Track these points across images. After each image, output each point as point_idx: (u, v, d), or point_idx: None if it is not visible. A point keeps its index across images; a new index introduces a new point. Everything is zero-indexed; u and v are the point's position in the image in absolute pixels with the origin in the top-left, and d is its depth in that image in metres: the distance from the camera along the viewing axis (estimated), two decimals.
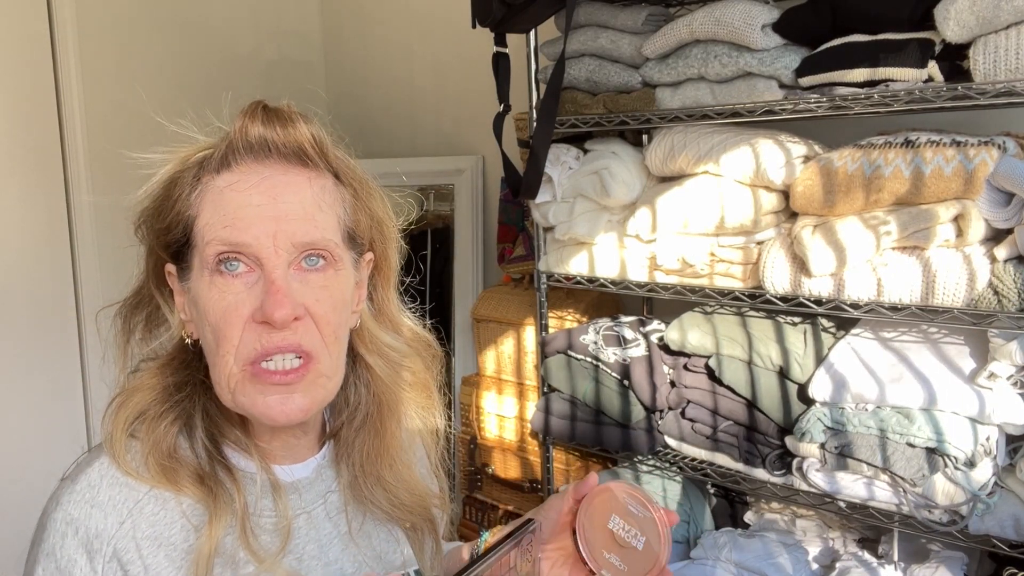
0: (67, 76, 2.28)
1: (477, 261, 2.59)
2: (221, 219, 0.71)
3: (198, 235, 0.73)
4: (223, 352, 0.72)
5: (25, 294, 2.23)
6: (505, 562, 0.75)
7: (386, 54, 2.85)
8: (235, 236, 0.71)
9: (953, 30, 1.30)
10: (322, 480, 0.84)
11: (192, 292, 0.74)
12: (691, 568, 1.65)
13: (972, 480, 1.35)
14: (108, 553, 0.70)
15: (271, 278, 0.71)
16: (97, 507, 0.71)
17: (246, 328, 0.71)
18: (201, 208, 0.73)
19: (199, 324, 0.75)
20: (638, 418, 1.75)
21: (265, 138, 0.73)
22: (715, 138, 1.60)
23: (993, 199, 1.32)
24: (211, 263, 0.72)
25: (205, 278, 0.72)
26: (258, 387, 0.72)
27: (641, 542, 0.81)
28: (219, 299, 0.71)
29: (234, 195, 0.72)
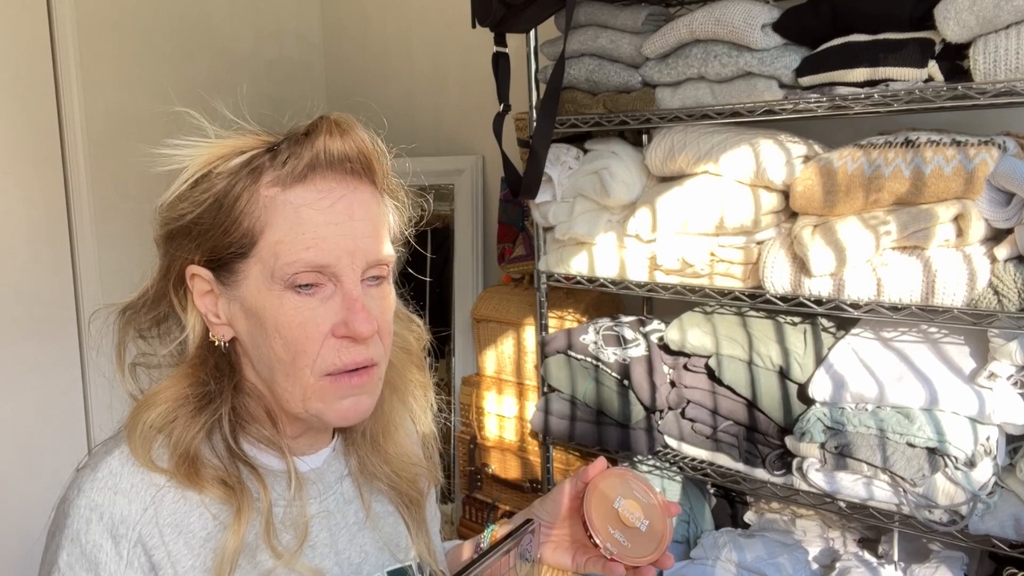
0: (67, 76, 2.28)
1: (477, 261, 2.59)
2: (301, 239, 0.72)
3: (266, 250, 0.73)
4: (300, 365, 0.74)
5: (25, 294, 2.23)
6: (504, 562, 0.75)
7: (386, 54, 2.85)
8: (319, 258, 0.72)
9: (953, 30, 1.30)
10: (332, 470, 0.86)
11: (248, 301, 0.75)
12: (691, 568, 1.65)
13: (972, 480, 1.35)
14: (133, 538, 0.71)
15: (352, 295, 0.74)
16: (121, 494, 0.72)
17: (324, 343, 0.74)
18: (271, 223, 0.73)
19: (257, 333, 0.76)
20: (638, 418, 1.75)
21: (343, 155, 0.75)
22: (715, 138, 1.60)
23: (993, 199, 1.32)
24: (288, 281, 0.73)
25: (275, 293, 0.73)
26: (334, 394, 0.75)
27: (644, 524, 0.84)
28: (295, 315, 0.73)
29: (313, 214, 0.73)
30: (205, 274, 0.77)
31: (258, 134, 0.78)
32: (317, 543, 0.81)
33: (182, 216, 0.76)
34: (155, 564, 0.71)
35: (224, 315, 0.78)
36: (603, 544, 0.82)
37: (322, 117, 0.76)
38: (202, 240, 0.75)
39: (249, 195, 0.74)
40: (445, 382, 2.69)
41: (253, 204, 0.74)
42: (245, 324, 0.76)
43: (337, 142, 0.74)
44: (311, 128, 0.75)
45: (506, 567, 0.76)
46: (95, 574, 0.70)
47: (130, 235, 2.28)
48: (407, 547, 0.90)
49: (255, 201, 0.74)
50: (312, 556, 0.79)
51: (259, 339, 0.76)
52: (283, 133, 0.79)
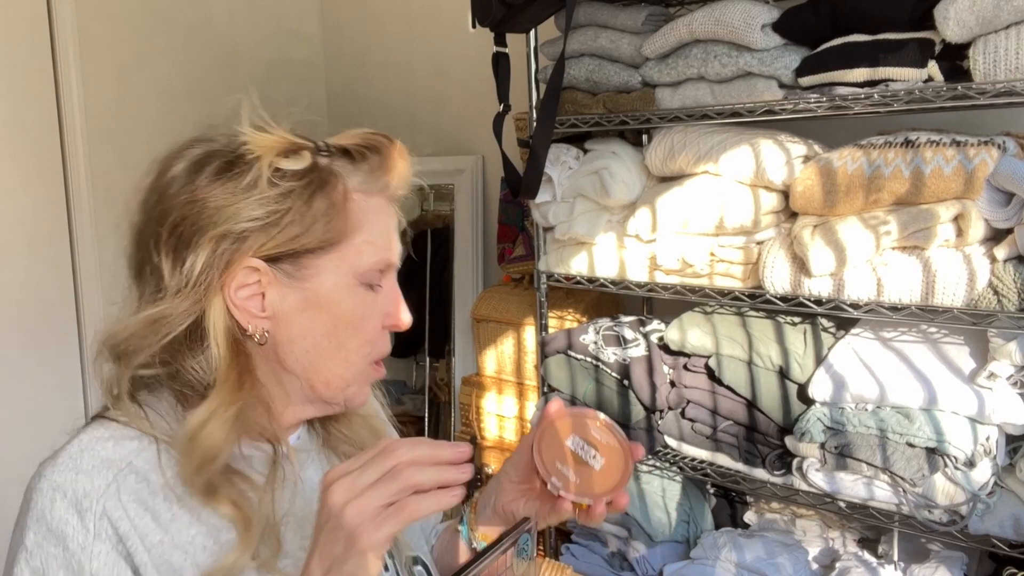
0: (67, 76, 2.28)
1: (477, 261, 2.59)
2: (384, 242, 0.82)
3: (351, 248, 0.79)
4: (364, 352, 0.82)
5: (25, 294, 2.23)
6: (502, 562, 0.75)
7: (386, 54, 2.85)
8: (393, 258, 0.84)
9: (953, 30, 1.30)
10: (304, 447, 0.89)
11: (320, 292, 0.79)
12: (691, 568, 1.65)
13: (972, 480, 1.35)
14: (98, 511, 0.71)
15: (396, 290, 0.85)
16: (82, 473, 0.73)
17: (378, 333, 0.83)
18: (362, 224, 0.80)
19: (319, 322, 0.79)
20: (638, 418, 1.75)
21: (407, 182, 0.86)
22: (715, 138, 1.60)
23: (993, 199, 1.32)
24: (367, 276, 0.81)
25: (351, 287, 0.80)
26: (367, 379, 0.85)
27: (599, 463, 0.82)
28: (365, 308, 0.81)
29: (386, 220, 0.83)
30: (262, 266, 0.76)
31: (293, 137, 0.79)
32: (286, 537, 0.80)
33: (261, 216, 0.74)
34: (122, 535, 0.72)
35: (272, 308, 0.77)
36: (549, 480, 0.80)
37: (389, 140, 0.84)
38: (279, 238, 0.75)
39: (339, 199, 0.78)
40: (445, 382, 2.69)
41: (345, 207, 0.79)
42: (303, 315, 0.79)
43: (407, 165, 0.85)
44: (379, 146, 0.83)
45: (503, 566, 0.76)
46: (63, 547, 0.70)
47: None
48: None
49: (347, 203, 0.79)
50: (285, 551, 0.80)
51: (320, 330, 0.80)
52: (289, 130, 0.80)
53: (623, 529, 1.80)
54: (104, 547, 0.71)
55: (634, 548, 1.80)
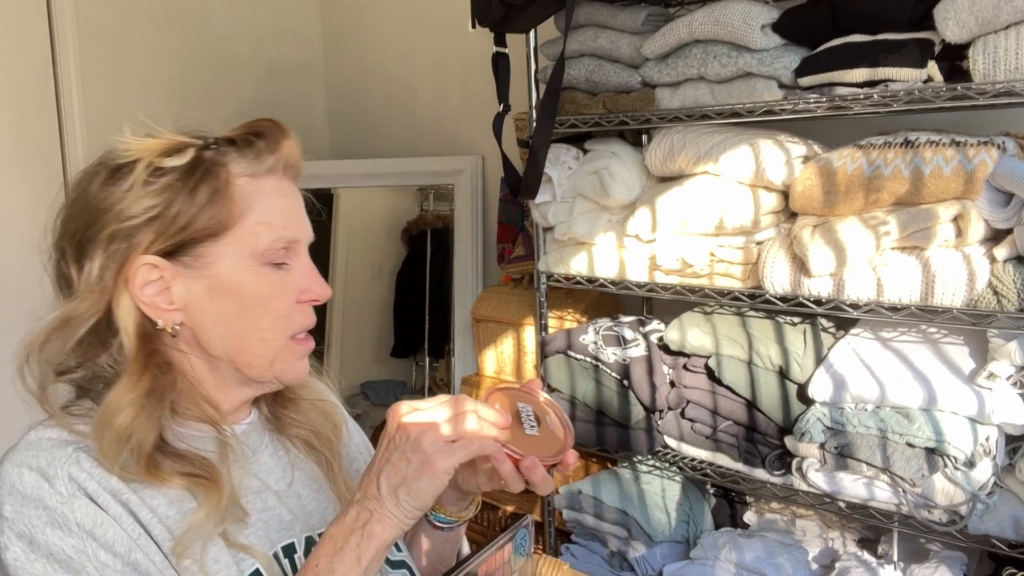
0: (67, 76, 2.28)
1: (477, 261, 2.59)
2: (279, 220, 0.84)
3: (245, 230, 0.81)
4: (278, 329, 0.84)
5: (24, 295, 2.23)
6: (499, 557, 0.75)
7: (386, 54, 2.85)
8: (293, 235, 0.85)
9: (952, 30, 1.30)
10: (255, 431, 0.92)
11: (222, 279, 0.81)
12: (691, 568, 1.65)
13: (972, 480, 1.35)
14: (64, 476, 0.74)
15: (309, 265, 0.87)
16: (43, 451, 0.76)
17: (293, 308, 0.85)
18: (251, 206, 0.82)
19: (230, 307, 0.82)
20: (638, 418, 1.75)
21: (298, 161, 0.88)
22: (715, 138, 1.60)
23: (993, 199, 1.32)
24: (267, 256, 0.82)
25: (254, 268, 0.82)
26: (295, 355, 0.86)
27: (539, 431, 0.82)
28: (272, 286, 0.83)
29: (281, 198, 0.85)
30: (160, 262, 0.80)
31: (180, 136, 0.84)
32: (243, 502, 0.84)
33: (145, 210, 0.78)
34: (91, 495, 0.74)
35: (180, 300, 0.81)
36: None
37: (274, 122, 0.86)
38: (167, 232, 0.79)
39: (221, 185, 0.81)
40: (445, 382, 2.70)
41: (229, 192, 0.81)
42: (211, 303, 0.82)
43: (293, 143, 0.87)
44: (264, 130, 0.85)
45: (500, 562, 0.76)
46: (43, 507, 0.73)
47: None
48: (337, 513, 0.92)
49: (229, 189, 0.81)
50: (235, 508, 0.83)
51: (231, 314, 0.82)
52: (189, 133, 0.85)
53: (623, 529, 1.80)
54: (81, 501, 0.74)
55: (634, 548, 1.80)
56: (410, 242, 2.84)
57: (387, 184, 2.78)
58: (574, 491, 1.87)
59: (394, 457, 0.74)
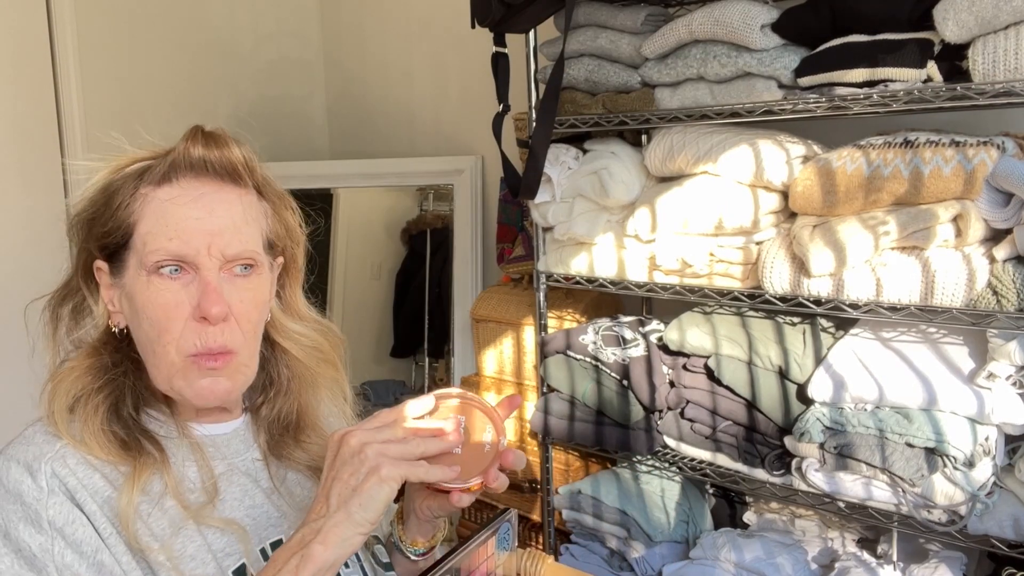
0: (66, 76, 2.28)
1: (476, 261, 2.59)
2: (165, 231, 0.81)
3: (139, 240, 0.83)
4: (164, 343, 0.82)
5: (23, 295, 2.22)
6: (482, 552, 0.76)
7: (385, 54, 2.85)
8: (178, 248, 0.81)
9: (952, 30, 1.30)
10: (240, 439, 0.93)
11: (127, 288, 0.84)
12: (690, 568, 1.65)
13: (971, 480, 1.35)
14: (48, 471, 0.78)
15: (206, 280, 0.82)
16: (34, 444, 0.81)
17: (186, 324, 0.82)
18: (142, 216, 0.83)
19: (134, 317, 0.84)
20: (637, 418, 1.75)
21: (204, 158, 0.84)
22: (714, 138, 1.60)
23: (992, 199, 1.32)
24: (152, 267, 0.82)
25: (143, 278, 0.82)
26: (194, 374, 0.83)
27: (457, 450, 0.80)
28: (158, 297, 0.82)
29: (175, 208, 0.82)
30: (103, 266, 0.86)
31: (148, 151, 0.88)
32: (227, 498, 0.87)
33: (81, 214, 0.87)
34: (71, 490, 0.78)
35: (117, 303, 0.86)
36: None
37: (192, 127, 0.86)
38: (91, 234, 0.86)
39: (129, 193, 0.84)
40: (444, 382, 2.70)
41: (132, 200, 0.83)
42: (128, 310, 0.85)
43: (199, 148, 0.84)
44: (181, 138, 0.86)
45: (483, 557, 0.76)
46: (21, 503, 0.76)
47: None
48: None
49: (134, 198, 0.83)
50: (222, 509, 0.86)
51: (135, 325, 0.85)
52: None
53: (622, 529, 1.80)
54: (57, 499, 0.77)
55: (633, 548, 1.80)
56: (410, 242, 2.84)
57: (387, 184, 2.78)
58: (574, 491, 1.87)
59: (342, 472, 0.74)
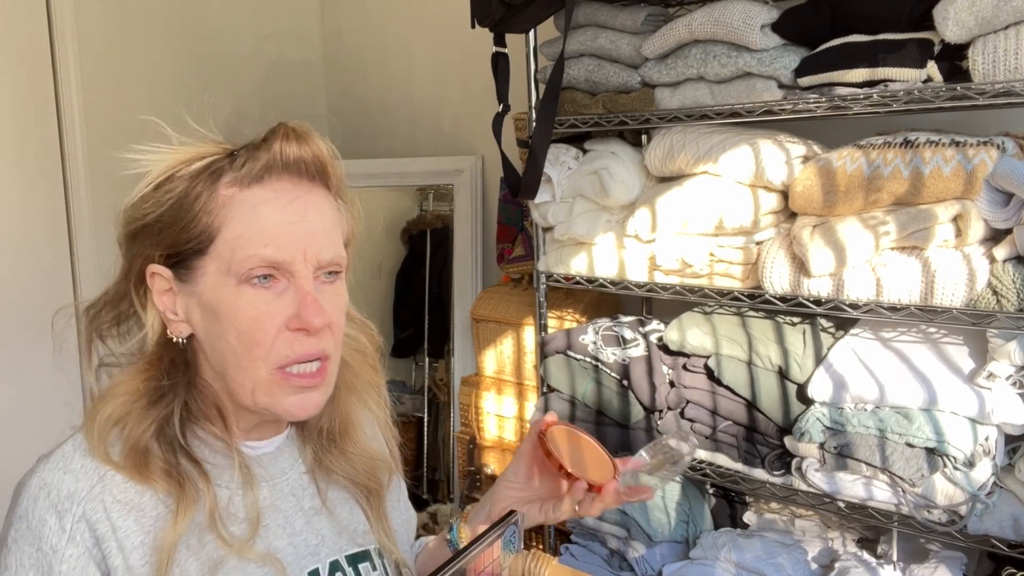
0: (66, 76, 2.28)
1: (476, 261, 2.59)
2: (259, 236, 0.76)
3: (223, 246, 0.77)
4: (254, 357, 0.77)
5: (23, 295, 2.23)
6: (488, 554, 0.76)
7: (385, 54, 2.85)
8: (273, 254, 0.76)
9: (952, 30, 1.30)
10: (284, 456, 0.89)
11: (205, 297, 0.78)
12: (690, 568, 1.65)
13: (971, 480, 1.35)
14: (77, 513, 0.73)
15: (305, 289, 0.77)
16: (70, 473, 0.75)
17: (279, 336, 0.77)
18: (228, 220, 0.77)
19: (214, 327, 0.78)
20: (637, 418, 1.75)
21: (299, 159, 0.79)
22: (714, 138, 1.60)
23: (992, 199, 1.32)
24: (244, 275, 0.76)
25: (231, 287, 0.77)
26: (283, 390, 0.78)
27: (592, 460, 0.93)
28: (250, 308, 0.76)
29: (269, 212, 0.77)
30: (165, 272, 0.80)
31: (220, 142, 0.82)
32: (271, 524, 0.83)
33: (144, 215, 0.79)
34: (99, 538, 0.74)
35: (182, 312, 0.81)
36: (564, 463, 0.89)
37: (280, 124, 0.80)
38: (162, 238, 0.79)
39: (208, 194, 0.77)
40: (445, 382, 2.69)
41: (212, 202, 0.77)
42: (201, 319, 0.79)
43: (293, 146, 0.78)
44: (269, 134, 0.80)
45: (490, 559, 0.77)
46: (37, 547, 0.73)
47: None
48: (366, 532, 0.92)
49: (214, 199, 0.77)
50: (265, 537, 0.82)
51: (214, 333, 0.79)
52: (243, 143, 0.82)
53: (622, 529, 1.80)
54: (76, 550, 0.73)
55: (633, 548, 1.80)
56: (410, 242, 2.84)
57: (387, 184, 2.77)
58: None
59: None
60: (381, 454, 0.97)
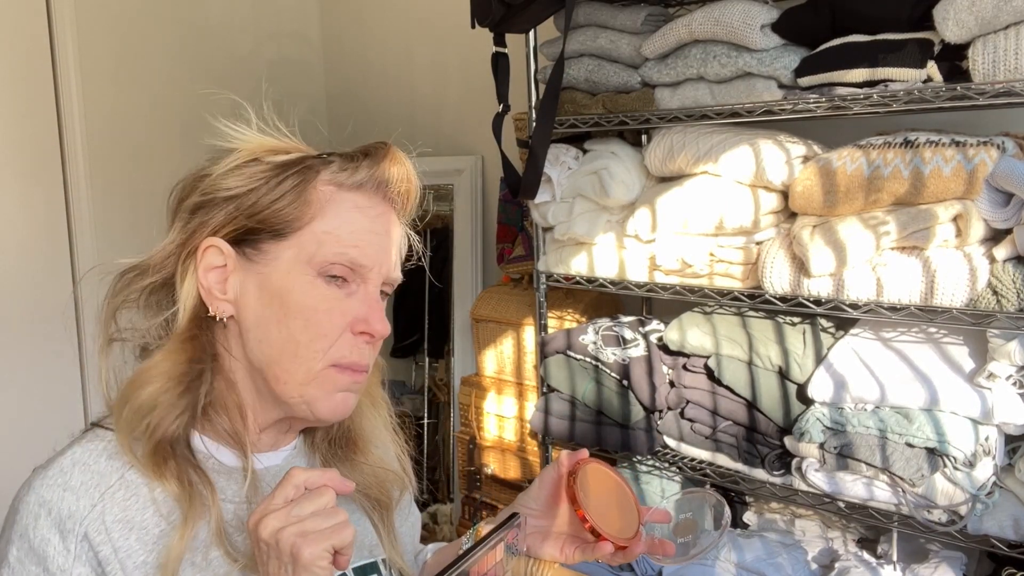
0: (66, 76, 2.28)
1: (476, 261, 2.59)
2: (350, 236, 0.79)
3: (310, 236, 0.78)
4: (315, 349, 0.78)
5: (24, 295, 2.23)
6: (492, 556, 0.76)
7: (385, 54, 2.85)
8: (360, 258, 0.79)
9: (952, 30, 1.30)
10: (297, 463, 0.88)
11: (273, 279, 0.78)
12: (691, 568, 1.65)
13: (971, 480, 1.35)
14: (80, 533, 0.72)
15: (373, 296, 0.81)
16: (69, 491, 0.74)
17: (343, 335, 0.79)
18: (323, 213, 0.79)
19: (276, 311, 0.78)
20: (637, 418, 1.75)
21: (398, 181, 0.83)
22: (714, 138, 1.60)
23: (992, 199, 1.32)
24: (324, 269, 0.78)
25: (307, 277, 0.78)
26: (333, 385, 0.79)
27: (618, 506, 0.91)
28: (322, 301, 0.78)
29: (364, 219, 0.80)
30: (225, 248, 0.79)
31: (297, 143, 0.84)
32: None
33: (228, 189, 0.79)
34: (101, 560, 0.73)
35: (232, 291, 0.80)
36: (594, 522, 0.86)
37: (384, 143, 0.84)
38: (241, 215, 0.79)
39: (304, 186, 0.79)
40: (445, 382, 2.69)
41: (309, 193, 0.79)
42: (258, 303, 0.79)
43: (397, 169, 0.83)
44: (371, 150, 0.83)
45: (493, 561, 0.76)
46: (43, 568, 0.72)
47: (130, 236, 2.28)
48: (374, 544, 0.91)
49: (312, 191, 0.79)
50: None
51: (272, 319, 0.78)
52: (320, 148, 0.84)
53: None
54: (84, 569, 0.72)
55: None
56: None
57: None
58: None
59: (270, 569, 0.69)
60: (393, 467, 0.96)
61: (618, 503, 0.91)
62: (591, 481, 0.90)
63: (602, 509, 0.88)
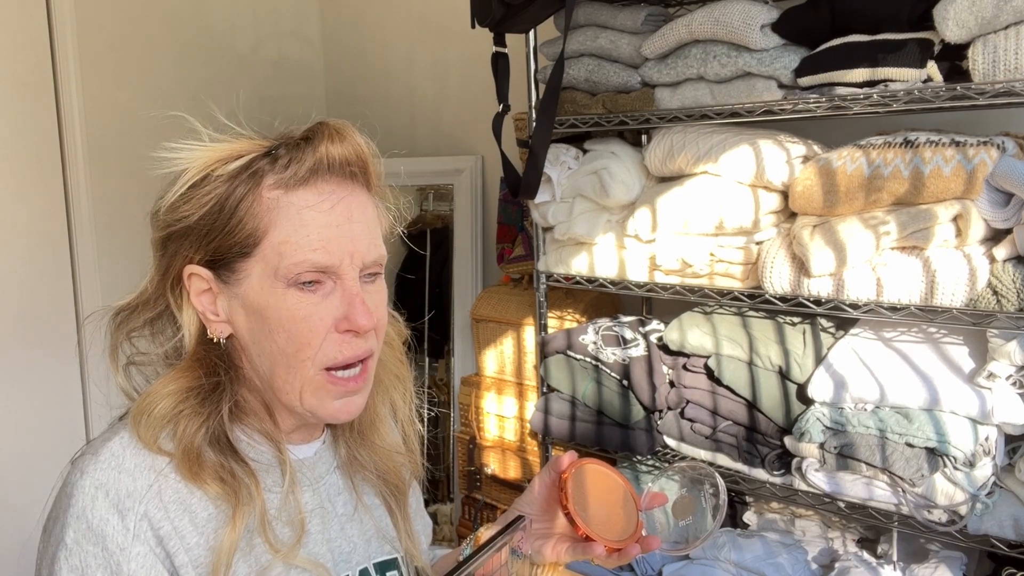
0: (66, 77, 2.28)
1: (476, 261, 2.59)
2: (307, 241, 0.76)
3: (270, 249, 0.76)
4: (303, 358, 0.77)
5: (24, 298, 2.23)
6: (497, 559, 0.76)
7: (385, 54, 2.85)
8: (322, 259, 0.76)
9: (952, 30, 1.30)
10: (322, 461, 0.89)
11: (250, 299, 0.78)
12: (691, 568, 1.65)
13: (971, 480, 1.35)
14: (140, 512, 0.73)
15: (353, 292, 0.78)
16: (125, 472, 0.74)
17: (327, 337, 0.78)
18: (274, 224, 0.76)
19: (259, 329, 0.78)
20: (637, 418, 1.75)
21: (343, 160, 0.78)
22: (714, 138, 1.60)
23: (992, 199, 1.32)
24: (292, 279, 0.76)
25: (278, 291, 0.76)
26: (328, 393, 0.79)
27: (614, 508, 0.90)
28: (298, 311, 0.76)
29: (316, 216, 0.77)
30: (204, 273, 0.79)
31: (252, 137, 0.81)
32: (312, 530, 0.83)
33: (184, 218, 0.78)
34: (161, 537, 0.73)
35: (223, 312, 0.80)
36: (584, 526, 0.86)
37: (322, 123, 0.79)
38: (204, 241, 0.78)
39: (252, 197, 0.77)
40: (445, 382, 2.69)
41: (256, 206, 0.76)
42: (245, 320, 0.79)
43: (338, 147, 0.78)
44: (311, 134, 0.79)
45: (498, 564, 0.76)
46: (103, 547, 0.72)
47: (130, 237, 2.28)
48: (394, 539, 0.93)
49: (258, 203, 0.76)
50: (307, 543, 0.82)
51: (260, 335, 0.79)
52: (276, 136, 0.81)
53: None
54: (143, 548, 0.72)
55: None
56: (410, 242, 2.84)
57: (387, 184, 2.77)
58: None
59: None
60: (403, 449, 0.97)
61: (616, 502, 0.91)
62: (588, 483, 0.90)
63: (600, 510, 0.88)
